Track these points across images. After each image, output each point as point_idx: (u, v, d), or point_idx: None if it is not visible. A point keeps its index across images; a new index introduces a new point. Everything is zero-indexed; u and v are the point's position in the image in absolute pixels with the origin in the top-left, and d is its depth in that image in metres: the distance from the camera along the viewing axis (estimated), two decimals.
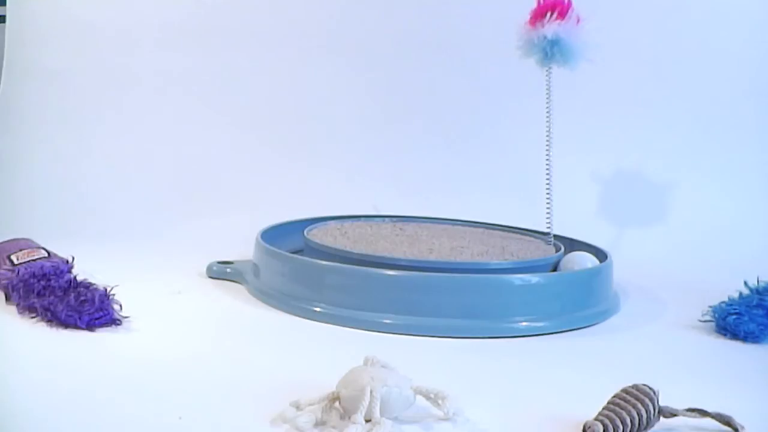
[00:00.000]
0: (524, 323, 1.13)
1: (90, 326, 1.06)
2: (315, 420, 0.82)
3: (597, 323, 1.18)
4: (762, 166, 1.64)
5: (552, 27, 1.23)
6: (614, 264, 1.26)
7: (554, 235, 1.32)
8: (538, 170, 1.30)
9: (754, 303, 1.16)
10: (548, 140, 1.28)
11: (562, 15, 1.23)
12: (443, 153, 1.68)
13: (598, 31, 1.25)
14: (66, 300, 1.08)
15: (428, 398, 0.86)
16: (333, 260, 1.19)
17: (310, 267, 1.18)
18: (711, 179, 1.63)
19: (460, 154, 1.67)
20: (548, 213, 1.31)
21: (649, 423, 0.83)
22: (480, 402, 0.89)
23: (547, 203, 1.30)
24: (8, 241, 1.24)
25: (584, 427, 0.81)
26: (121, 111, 1.66)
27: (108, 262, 1.28)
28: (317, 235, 1.30)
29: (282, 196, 1.60)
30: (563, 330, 1.14)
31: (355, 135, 1.69)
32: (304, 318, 1.15)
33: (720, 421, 0.84)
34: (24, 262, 1.17)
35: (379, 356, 0.89)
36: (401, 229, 1.38)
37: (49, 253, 1.21)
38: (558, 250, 1.28)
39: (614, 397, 0.84)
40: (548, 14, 1.23)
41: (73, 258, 1.18)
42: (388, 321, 1.11)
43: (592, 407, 0.84)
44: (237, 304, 1.20)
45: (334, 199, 1.56)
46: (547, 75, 1.26)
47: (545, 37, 1.23)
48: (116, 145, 1.63)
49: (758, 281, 1.20)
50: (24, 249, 1.21)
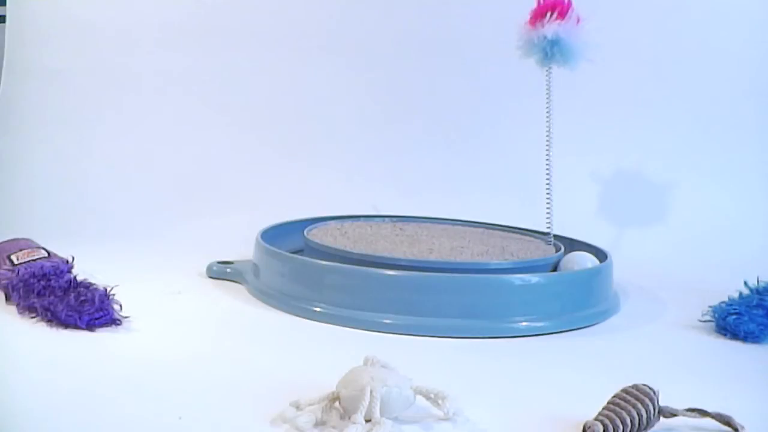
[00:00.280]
0: (524, 323, 1.13)
1: (90, 326, 1.06)
2: (315, 420, 0.82)
3: (597, 323, 1.18)
4: (762, 166, 1.64)
5: (552, 27, 1.23)
6: (614, 264, 1.26)
7: (554, 235, 1.32)
8: (538, 170, 1.30)
9: (754, 303, 1.16)
10: (548, 140, 1.28)
11: (562, 15, 1.23)
12: (443, 153, 1.68)
13: (598, 31, 1.25)
14: (66, 300, 1.08)
15: (428, 398, 0.86)
16: (333, 260, 1.19)
17: (310, 267, 1.18)
18: (711, 179, 1.63)
19: (460, 154, 1.67)
20: (548, 213, 1.31)
21: (649, 423, 0.83)
22: (480, 402, 0.89)
23: (547, 203, 1.30)
24: (8, 241, 1.24)
25: (584, 427, 0.81)
26: (121, 111, 1.66)
27: (108, 262, 1.28)
28: (317, 235, 1.30)
29: (282, 196, 1.60)
30: (563, 330, 1.14)
31: (355, 135, 1.69)
32: (304, 318, 1.15)
33: (720, 421, 0.84)
34: (24, 262, 1.17)
35: (379, 356, 0.89)
36: (401, 229, 1.38)
37: (49, 253, 1.21)
38: (558, 250, 1.28)
39: (614, 397, 0.84)
40: (548, 14, 1.23)
41: (73, 258, 1.18)
42: (388, 321, 1.11)
43: (592, 407, 0.84)
44: (237, 304, 1.20)
45: (334, 199, 1.56)
46: (547, 75, 1.26)
47: (545, 37, 1.23)
48: (116, 145, 1.63)
49: (758, 281, 1.20)
50: (24, 249, 1.21)
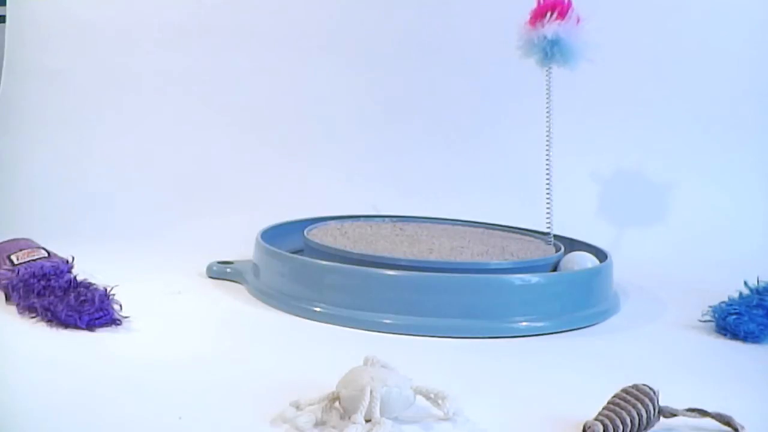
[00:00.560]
0: (524, 323, 1.13)
1: (90, 326, 1.06)
2: (315, 420, 0.82)
3: (597, 323, 1.18)
4: (762, 166, 1.64)
5: (552, 27, 1.23)
6: (614, 264, 1.26)
7: (554, 235, 1.32)
8: (538, 170, 1.30)
9: (754, 303, 1.16)
10: (548, 140, 1.28)
11: (562, 15, 1.23)
12: (443, 153, 1.68)
13: (598, 31, 1.25)
14: (66, 300, 1.08)
15: (428, 398, 0.86)
16: (333, 260, 1.19)
17: (310, 267, 1.18)
18: (711, 179, 1.63)
19: (460, 154, 1.67)
20: (548, 213, 1.31)
21: (649, 423, 0.83)
22: (480, 402, 0.89)
23: (547, 203, 1.30)
24: (8, 241, 1.24)
25: (584, 427, 0.81)
26: (121, 111, 1.66)
27: (108, 262, 1.28)
28: (317, 235, 1.30)
29: (282, 196, 1.60)
30: (563, 330, 1.14)
31: (355, 135, 1.69)
32: (304, 318, 1.15)
33: (720, 421, 0.84)
34: (24, 262, 1.17)
35: (379, 356, 0.89)
36: (401, 229, 1.38)
37: (49, 253, 1.21)
38: (558, 250, 1.28)
39: (614, 397, 0.84)
40: (548, 14, 1.23)
41: (73, 258, 1.18)
42: (388, 321, 1.11)
43: (592, 407, 0.84)
44: (237, 304, 1.20)
45: (334, 199, 1.56)
46: (547, 75, 1.26)
47: (545, 37, 1.23)
48: (116, 145, 1.63)
49: (758, 281, 1.20)
50: (24, 249, 1.21)
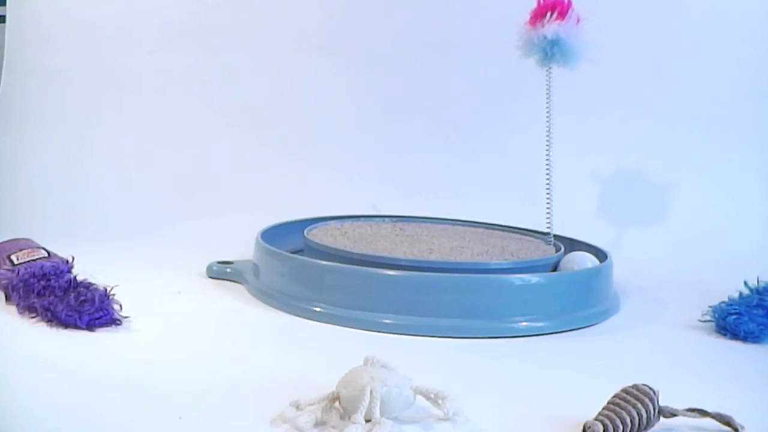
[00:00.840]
0: (524, 323, 1.13)
1: (90, 326, 1.06)
2: (315, 420, 0.82)
3: (597, 323, 1.18)
4: (762, 166, 1.64)
5: (552, 27, 1.23)
6: (614, 264, 1.26)
7: (554, 235, 1.32)
8: (538, 170, 1.30)
9: (754, 303, 1.16)
10: (548, 140, 1.28)
11: (562, 15, 1.23)
12: (443, 153, 1.68)
13: (598, 31, 1.25)
14: (66, 300, 1.08)
15: (428, 398, 0.86)
16: (333, 260, 1.19)
17: (310, 267, 1.18)
18: (711, 179, 1.63)
19: (460, 154, 1.67)
20: (548, 213, 1.31)
21: (649, 423, 0.83)
22: (480, 402, 0.89)
23: (547, 203, 1.30)
24: (8, 241, 1.24)
25: (584, 427, 0.81)
26: (121, 111, 1.66)
27: (108, 262, 1.28)
28: (317, 235, 1.30)
29: (282, 196, 1.60)
30: (563, 330, 1.14)
31: (355, 135, 1.69)
32: (304, 318, 1.15)
33: (720, 421, 0.84)
34: (24, 262, 1.17)
35: (379, 356, 0.89)
36: (401, 229, 1.38)
37: (49, 253, 1.21)
38: (558, 250, 1.28)
39: (614, 397, 0.84)
40: (548, 14, 1.23)
41: (73, 258, 1.18)
42: (388, 321, 1.11)
43: (592, 407, 0.84)
44: (237, 304, 1.20)
45: (334, 199, 1.56)
46: (547, 75, 1.26)
47: (545, 37, 1.23)
48: (116, 145, 1.63)
49: (758, 281, 1.20)
50: (24, 249, 1.21)
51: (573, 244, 1.33)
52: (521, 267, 1.20)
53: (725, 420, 0.84)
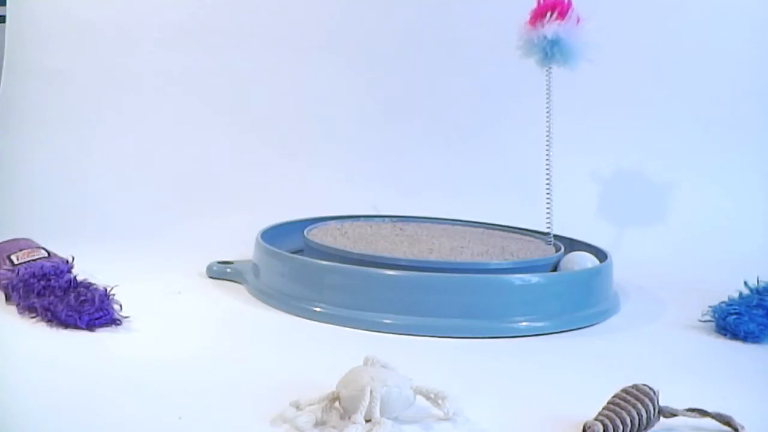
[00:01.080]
0: (524, 323, 1.13)
1: (90, 326, 1.06)
2: (315, 420, 0.82)
3: (597, 323, 1.18)
4: (762, 166, 1.64)
5: (552, 27, 1.23)
6: (614, 264, 1.26)
7: (554, 235, 1.32)
8: (538, 170, 1.30)
9: (754, 303, 1.16)
10: (548, 140, 1.28)
11: (562, 15, 1.23)
12: (443, 153, 1.68)
13: (598, 31, 1.25)
14: (66, 300, 1.08)
15: (428, 398, 0.86)
16: (333, 260, 1.19)
17: (310, 267, 1.18)
18: (711, 179, 1.63)
19: (460, 154, 1.67)
20: (548, 213, 1.31)
21: (649, 423, 0.83)
22: (480, 402, 0.89)
23: (547, 203, 1.30)
24: (8, 241, 1.24)
25: (584, 427, 0.81)
26: (121, 111, 1.66)
27: (108, 262, 1.28)
28: (317, 235, 1.30)
29: (282, 196, 1.60)
30: (563, 330, 1.14)
31: (355, 135, 1.69)
32: (304, 318, 1.15)
33: (720, 421, 0.84)
34: (24, 262, 1.17)
35: (379, 356, 0.89)
36: (401, 229, 1.38)
37: (49, 253, 1.21)
38: (558, 250, 1.28)
39: (614, 397, 0.84)
40: (548, 14, 1.23)
41: (73, 258, 1.18)
42: (388, 321, 1.11)
43: (592, 407, 0.84)
44: (237, 304, 1.20)
45: (334, 199, 1.56)
46: (547, 75, 1.26)
47: (545, 37, 1.23)
48: (116, 145, 1.63)
49: (758, 281, 1.20)
50: (24, 249, 1.21)
51: (573, 244, 1.33)
52: (521, 267, 1.20)
53: (725, 420, 0.84)
